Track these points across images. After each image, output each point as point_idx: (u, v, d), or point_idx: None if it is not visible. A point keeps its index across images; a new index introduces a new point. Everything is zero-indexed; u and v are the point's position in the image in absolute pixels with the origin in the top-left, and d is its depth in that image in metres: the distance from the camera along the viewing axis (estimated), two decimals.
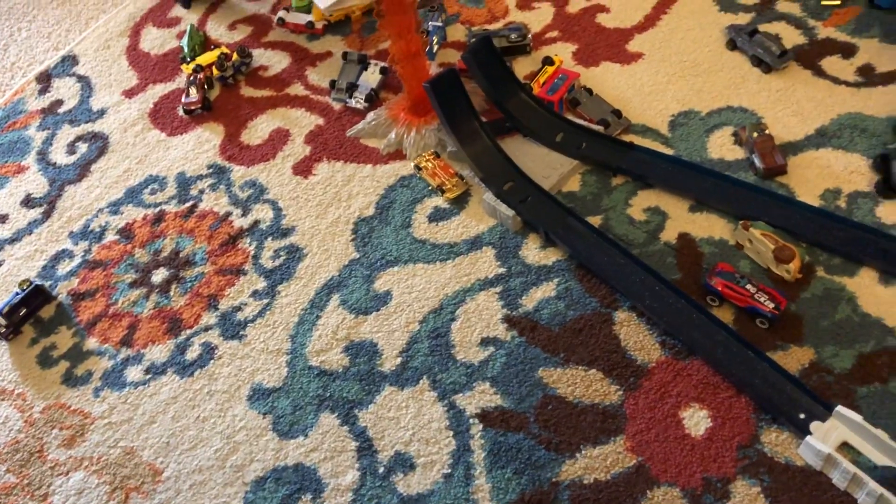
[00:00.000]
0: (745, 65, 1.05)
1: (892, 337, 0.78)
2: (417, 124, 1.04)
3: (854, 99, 0.99)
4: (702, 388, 0.78)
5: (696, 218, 0.91)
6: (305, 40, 1.24)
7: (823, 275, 0.83)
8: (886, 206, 0.88)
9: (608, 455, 0.75)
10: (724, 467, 0.72)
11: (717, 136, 0.98)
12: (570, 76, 1.05)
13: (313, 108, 1.13)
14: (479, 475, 0.76)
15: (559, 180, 0.97)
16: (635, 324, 0.83)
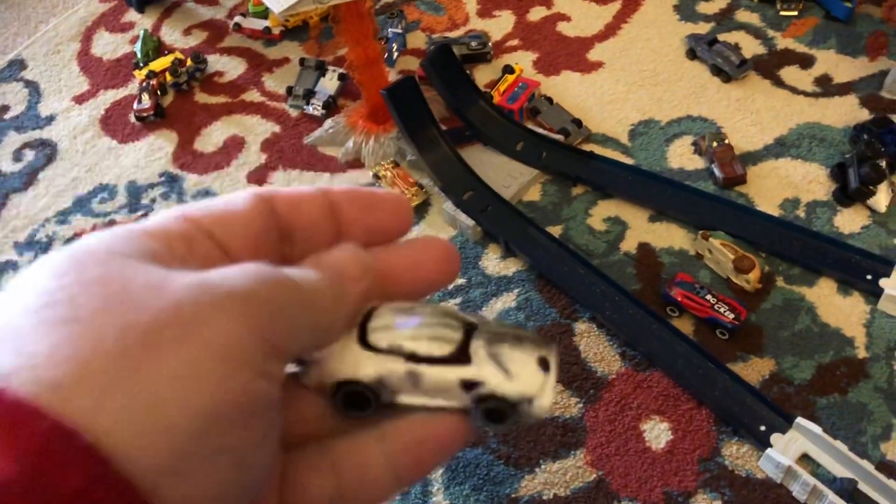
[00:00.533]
0: (705, 74, 1.05)
1: (851, 347, 0.78)
2: (376, 132, 1.02)
3: (812, 109, 0.99)
4: (662, 400, 0.77)
5: (655, 228, 0.90)
6: (262, 46, 1.22)
7: (783, 285, 0.83)
8: (844, 214, 0.88)
9: (568, 469, 0.73)
10: (685, 481, 0.71)
11: (677, 145, 0.98)
12: (530, 85, 1.04)
13: (269, 115, 1.11)
14: (436, 492, 0.74)
15: (519, 189, 0.95)
16: (595, 335, 0.82)
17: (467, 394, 0.27)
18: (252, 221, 0.27)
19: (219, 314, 0.21)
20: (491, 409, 0.27)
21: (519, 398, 0.27)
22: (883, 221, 0.87)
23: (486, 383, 0.27)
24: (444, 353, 0.27)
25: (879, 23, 1.08)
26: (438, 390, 0.27)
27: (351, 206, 0.29)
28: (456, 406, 0.27)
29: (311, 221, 0.29)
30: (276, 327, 0.23)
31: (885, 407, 0.74)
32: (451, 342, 0.27)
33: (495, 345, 0.27)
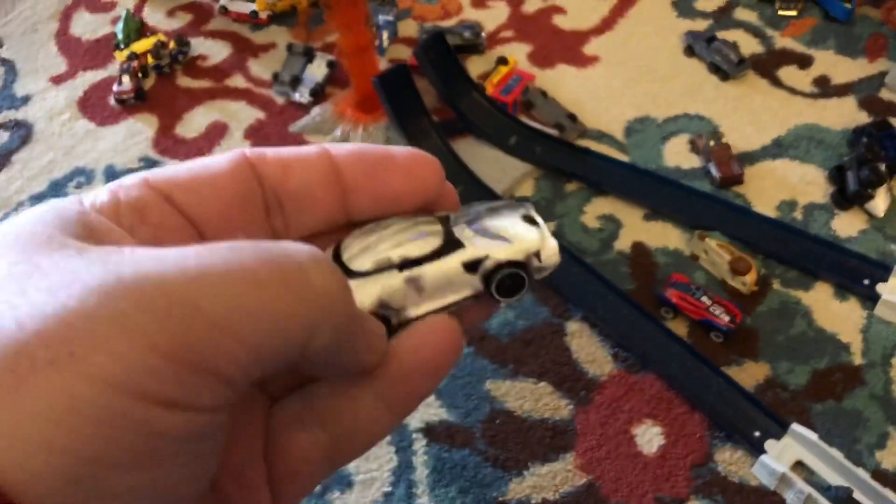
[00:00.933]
0: (703, 72, 1.04)
1: (847, 353, 0.76)
2: (365, 121, 0.99)
3: (811, 110, 0.97)
4: (655, 403, 0.75)
5: (651, 227, 0.88)
6: (249, 30, 1.18)
7: (779, 288, 0.81)
8: (842, 218, 0.86)
9: (557, 473, 0.71)
10: (678, 487, 0.69)
11: (674, 143, 0.96)
12: (524, 77, 1.02)
13: (254, 102, 1.08)
14: (421, 494, 0.71)
15: (512, 184, 0.93)
16: (587, 335, 0.80)
17: (475, 275, 0.25)
18: (224, 186, 0.23)
19: (117, 331, 0.17)
20: (504, 280, 0.25)
21: (525, 256, 0.25)
22: (881, 226, 0.85)
23: (488, 256, 0.25)
24: (435, 246, 0.25)
25: (879, 24, 1.07)
26: (444, 286, 0.25)
27: (355, 168, 0.25)
28: (468, 295, 0.25)
29: (304, 188, 0.24)
30: (223, 351, 0.17)
31: (881, 415, 0.72)
32: (436, 236, 0.25)
33: (476, 223, 0.26)
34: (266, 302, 0.18)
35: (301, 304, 0.19)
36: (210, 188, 0.23)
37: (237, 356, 0.18)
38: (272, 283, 0.18)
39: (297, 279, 0.19)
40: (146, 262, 0.18)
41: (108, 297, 0.17)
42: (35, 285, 0.17)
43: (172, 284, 0.17)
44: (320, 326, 0.20)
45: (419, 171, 0.26)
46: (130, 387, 0.17)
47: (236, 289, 0.18)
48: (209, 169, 0.24)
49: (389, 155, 0.26)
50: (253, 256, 0.18)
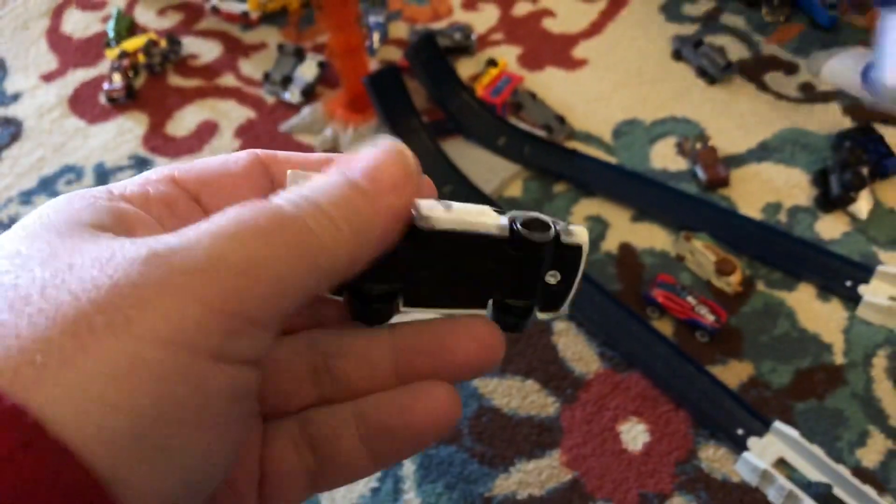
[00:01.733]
0: (690, 76, 1.05)
1: (829, 353, 0.77)
2: (355, 121, 0.99)
3: (796, 114, 0.99)
4: (640, 401, 0.75)
5: (637, 228, 0.89)
6: (239, 30, 1.19)
7: (763, 289, 0.82)
8: (825, 220, 0.88)
9: (543, 469, 0.72)
10: (662, 483, 0.70)
11: (661, 145, 0.97)
12: (513, 79, 1.03)
13: (245, 101, 1.08)
14: (408, 489, 0.72)
15: (500, 185, 0.94)
16: (574, 334, 0.81)
17: (502, 216, 0.25)
18: (242, 187, 0.25)
19: (164, 293, 0.18)
20: (530, 225, 0.25)
21: (552, 220, 0.25)
22: (863, 228, 0.87)
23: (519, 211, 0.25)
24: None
25: (862, 31, 1.08)
26: (473, 210, 0.25)
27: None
28: (492, 232, 0.25)
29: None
30: (253, 294, 0.19)
31: (861, 414, 0.73)
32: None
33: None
34: (273, 248, 0.20)
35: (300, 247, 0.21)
36: (230, 189, 0.25)
37: (264, 297, 0.20)
38: (273, 232, 0.20)
39: (291, 226, 0.21)
40: (170, 238, 0.19)
41: (148, 266, 0.18)
42: (80, 262, 0.19)
43: (200, 247, 0.19)
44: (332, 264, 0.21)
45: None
46: (182, 341, 0.18)
47: (251, 241, 0.20)
48: (228, 168, 0.25)
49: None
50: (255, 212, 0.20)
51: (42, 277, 0.18)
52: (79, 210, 0.21)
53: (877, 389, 0.75)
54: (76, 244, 0.20)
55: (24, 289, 0.18)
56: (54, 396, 0.17)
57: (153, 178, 0.24)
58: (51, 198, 0.87)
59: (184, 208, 0.24)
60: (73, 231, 0.20)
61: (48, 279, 0.18)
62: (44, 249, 0.19)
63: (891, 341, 0.78)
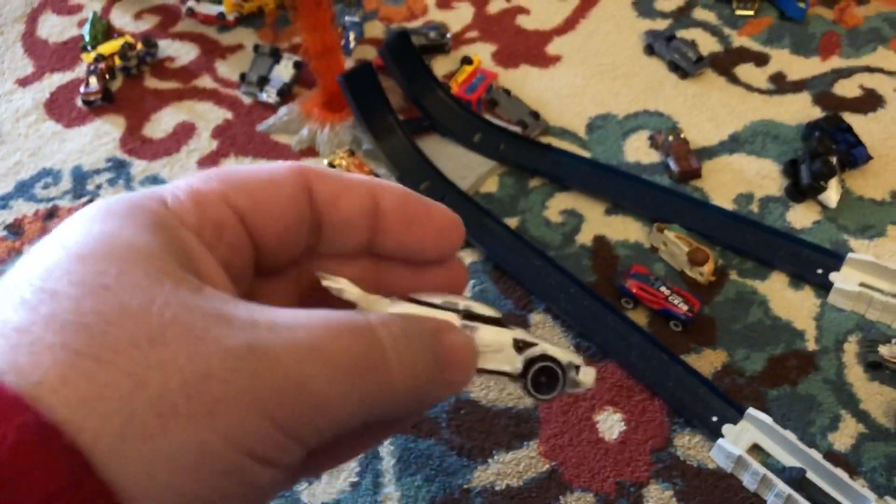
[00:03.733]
0: (662, 70, 1.06)
1: (801, 340, 0.79)
2: (332, 120, 1.00)
3: (766, 106, 1.00)
4: (616, 390, 0.76)
5: (611, 220, 0.90)
6: (216, 32, 1.19)
7: (736, 278, 0.83)
8: (796, 210, 0.89)
9: (521, 460, 0.72)
10: (638, 471, 0.71)
11: (634, 139, 0.98)
12: (488, 76, 1.03)
13: (222, 102, 1.08)
14: (387, 483, 0.72)
15: (476, 181, 0.95)
16: (550, 326, 0.81)
17: (520, 354, 0.26)
18: (287, 209, 0.25)
19: (245, 399, 0.19)
20: (544, 370, 0.26)
21: (568, 363, 0.27)
22: (833, 217, 0.88)
23: (537, 344, 0.27)
24: (495, 315, 0.27)
25: (832, 23, 1.10)
26: (492, 349, 0.26)
27: (395, 215, 0.27)
28: (506, 370, 0.26)
29: (346, 219, 0.26)
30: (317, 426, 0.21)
31: (834, 398, 0.74)
32: (496, 311, 0.28)
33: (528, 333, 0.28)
34: (355, 385, 0.21)
35: (382, 389, 0.22)
36: (275, 212, 0.25)
37: (322, 428, 0.21)
38: (359, 368, 0.21)
39: (380, 365, 0.22)
40: (266, 336, 0.20)
41: (241, 364, 0.19)
42: (173, 334, 0.19)
43: (287, 363, 0.20)
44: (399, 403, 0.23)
45: (448, 234, 0.29)
46: (246, 445, 0.19)
47: (334, 373, 0.21)
48: (275, 188, 0.26)
49: (428, 211, 0.28)
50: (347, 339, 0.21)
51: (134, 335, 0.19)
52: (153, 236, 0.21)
53: (848, 375, 0.76)
54: (167, 300, 0.20)
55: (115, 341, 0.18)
56: (131, 472, 0.18)
57: (206, 195, 0.24)
58: (28, 202, 0.86)
59: (231, 233, 0.24)
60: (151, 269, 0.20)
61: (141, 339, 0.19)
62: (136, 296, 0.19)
63: (861, 327, 0.79)
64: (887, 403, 0.74)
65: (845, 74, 1.04)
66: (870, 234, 0.87)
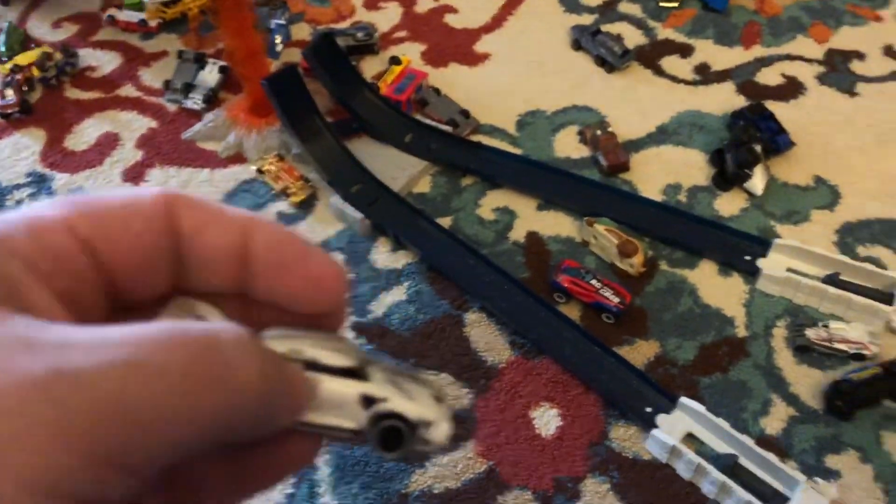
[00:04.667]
0: (590, 65, 1.07)
1: (731, 326, 0.80)
2: (259, 125, 0.98)
3: (692, 97, 1.01)
4: (552, 386, 0.76)
5: (543, 216, 0.90)
6: (138, 39, 1.16)
7: (666, 268, 0.84)
8: (723, 198, 0.90)
9: (458, 461, 0.72)
10: (575, 466, 0.71)
11: (563, 134, 0.98)
12: (417, 76, 1.03)
13: (146, 111, 1.06)
14: (323, 493, 0.71)
15: (408, 181, 0.94)
16: (486, 325, 0.81)
17: (365, 410, 0.25)
18: (141, 238, 0.22)
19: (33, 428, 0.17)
20: (389, 430, 0.25)
21: (419, 420, 0.25)
22: (760, 203, 0.89)
23: (387, 400, 0.25)
24: (346, 365, 0.24)
25: (753, 13, 1.12)
26: (335, 405, 0.25)
27: (266, 258, 0.24)
28: (349, 427, 0.25)
29: (209, 255, 0.24)
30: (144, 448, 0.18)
31: (764, 383, 0.75)
32: (351, 358, 0.25)
33: (392, 375, 0.26)
34: (189, 399, 0.18)
35: (227, 398, 0.19)
36: (127, 241, 0.22)
37: (154, 452, 0.18)
38: (194, 380, 0.18)
39: (223, 373, 0.19)
40: (78, 358, 0.17)
41: (42, 395, 0.17)
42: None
43: (103, 384, 0.17)
44: (241, 418, 0.20)
45: (324, 287, 0.25)
46: (47, 486, 0.17)
47: (163, 388, 0.18)
48: (130, 216, 0.23)
49: (304, 258, 0.25)
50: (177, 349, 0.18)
51: None
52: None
53: (778, 359, 0.77)
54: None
55: None
56: None
57: (47, 222, 0.22)
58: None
59: (75, 263, 0.21)
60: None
61: None
62: None
63: (790, 311, 0.80)
64: (815, 385, 0.75)
65: (767, 63, 1.06)
66: (795, 220, 0.88)
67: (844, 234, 0.87)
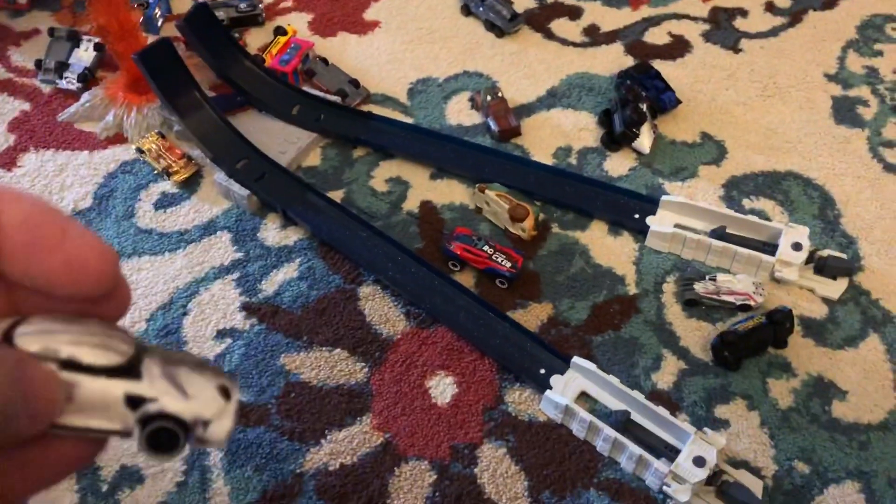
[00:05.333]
0: (480, 30, 1.05)
1: (622, 285, 0.80)
2: (139, 103, 0.94)
3: (581, 59, 1.01)
4: (447, 354, 0.76)
5: (437, 185, 0.89)
6: (7, 17, 1.10)
7: (558, 231, 0.84)
8: (613, 159, 0.90)
9: (354, 437, 0.71)
10: (471, 433, 0.71)
11: (455, 101, 0.97)
12: (302, 46, 1.00)
13: (17, 93, 1.00)
14: (216, 478, 0.69)
15: (297, 155, 0.91)
16: (380, 297, 0.80)
17: (133, 412, 0.22)
18: None
19: None
20: (159, 431, 0.23)
21: (193, 419, 0.23)
22: (648, 162, 0.90)
23: (157, 400, 0.23)
24: (111, 363, 0.23)
25: None
26: (97, 407, 0.22)
27: (18, 236, 0.21)
28: (115, 429, 0.23)
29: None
30: None
31: (655, 339, 0.76)
32: (120, 353, 0.23)
33: (171, 366, 0.24)
34: None
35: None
36: None
37: None
38: None
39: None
40: None
41: None
42: None
43: None
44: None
45: (85, 270, 0.22)
46: None
47: None
48: None
49: (61, 233, 0.22)
50: None
51: None
52: None
53: (668, 314, 0.78)
54: None
55: None
56: None
57: None
58: None
59: None
60: None
61: None
62: None
63: (678, 267, 0.82)
64: (704, 338, 0.77)
65: (654, 23, 1.06)
66: (683, 176, 0.89)
67: (730, 188, 0.88)
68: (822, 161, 0.91)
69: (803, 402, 0.72)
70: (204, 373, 0.25)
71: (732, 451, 0.69)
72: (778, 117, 0.95)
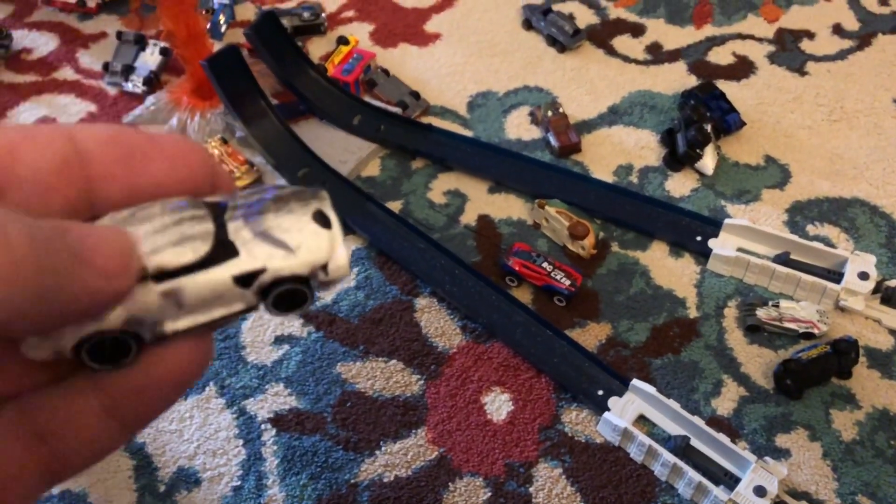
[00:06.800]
0: (541, 44, 1.05)
1: (683, 307, 0.79)
2: (202, 108, 0.95)
3: (643, 77, 1.00)
4: (503, 370, 0.75)
5: (494, 199, 0.89)
6: (76, 20, 1.12)
7: (618, 250, 0.83)
8: (674, 179, 0.89)
9: (409, 449, 0.71)
10: (527, 451, 0.70)
11: (514, 116, 0.97)
12: (365, 56, 1.00)
13: (85, 94, 1.02)
14: (271, 484, 0.69)
15: (357, 165, 0.92)
16: (436, 309, 0.80)
17: (248, 290, 0.22)
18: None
19: None
20: (283, 295, 0.22)
21: (310, 270, 0.22)
22: (710, 184, 0.89)
23: (266, 269, 0.21)
24: (201, 254, 0.21)
25: None
26: (211, 300, 0.21)
27: (105, 153, 0.21)
28: (239, 309, 0.22)
29: (33, 174, 0.20)
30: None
31: (715, 364, 0.75)
32: (204, 238, 0.21)
33: (257, 219, 0.22)
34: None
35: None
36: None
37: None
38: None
39: None
40: None
41: None
42: None
43: None
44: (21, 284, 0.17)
45: (187, 161, 0.22)
46: None
47: None
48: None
49: (151, 140, 0.22)
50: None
51: None
52: None
53: (729, 339, 0.77)
54: None
55: None
56: None
57: None
58: None
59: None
60: None
61: None
62: None
63: (740, 291, 0.80)
64: (765, 365, 0.75)
65: (718, 42, 1.05)
66: (746, 199, 0.88)
67: (794, 213, 0.87)
68: (890, 189, 0.89)
69: (868, 436, 0.70)
70: (291, 206, 0.23)
71: (793, 483, 0.68)
72: (844, 142, 0.93)
